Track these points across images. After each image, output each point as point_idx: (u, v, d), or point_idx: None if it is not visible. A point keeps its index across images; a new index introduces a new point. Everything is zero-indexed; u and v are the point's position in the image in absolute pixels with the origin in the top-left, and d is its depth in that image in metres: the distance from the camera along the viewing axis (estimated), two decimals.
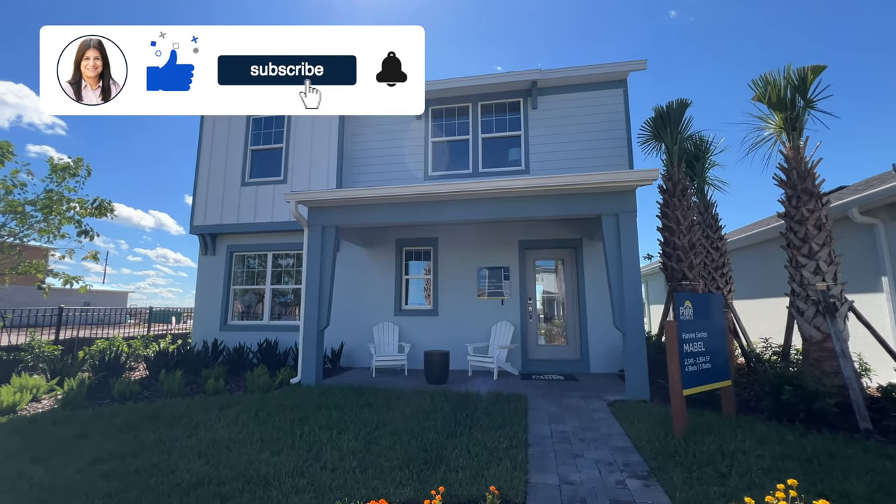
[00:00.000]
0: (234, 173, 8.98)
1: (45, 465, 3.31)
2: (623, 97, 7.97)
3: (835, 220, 5.70)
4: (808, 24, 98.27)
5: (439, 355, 6.26)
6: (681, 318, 3.82)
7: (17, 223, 6.38)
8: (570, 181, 5.46)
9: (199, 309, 8.98)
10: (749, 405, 4.71)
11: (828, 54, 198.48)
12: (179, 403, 4.96)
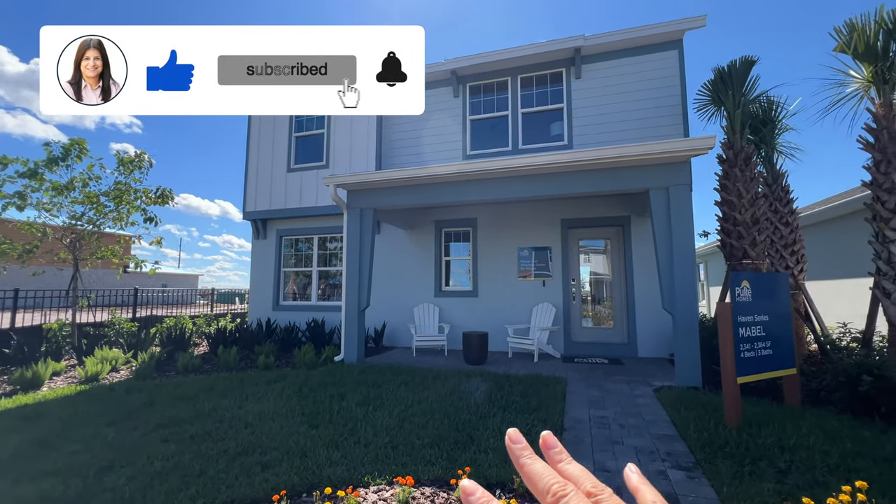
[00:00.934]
0: (280, 160, 9.33)
1: (117, 427, 3.69)
2: (678, 60, 7.27)
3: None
4: None
5: (477, 336, 6.23)
6: (736, 300, 3.47)
7: (94, 212, 7.06)
8: (616, 153, 5.10)
9: (254, 290, 9.56)
10: (819, 396, 4.24)
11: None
12: (233, 377, 5.33)
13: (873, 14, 4.67)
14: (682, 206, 4.96)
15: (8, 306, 7.09)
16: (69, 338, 6.72)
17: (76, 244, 6.95)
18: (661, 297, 4.99)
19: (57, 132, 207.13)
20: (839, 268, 7.59)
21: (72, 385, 5.23)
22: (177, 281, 38.43)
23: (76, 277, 6.96)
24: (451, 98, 8.55)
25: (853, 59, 4.84)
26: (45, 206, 6.57)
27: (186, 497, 2.50)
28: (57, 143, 6.48)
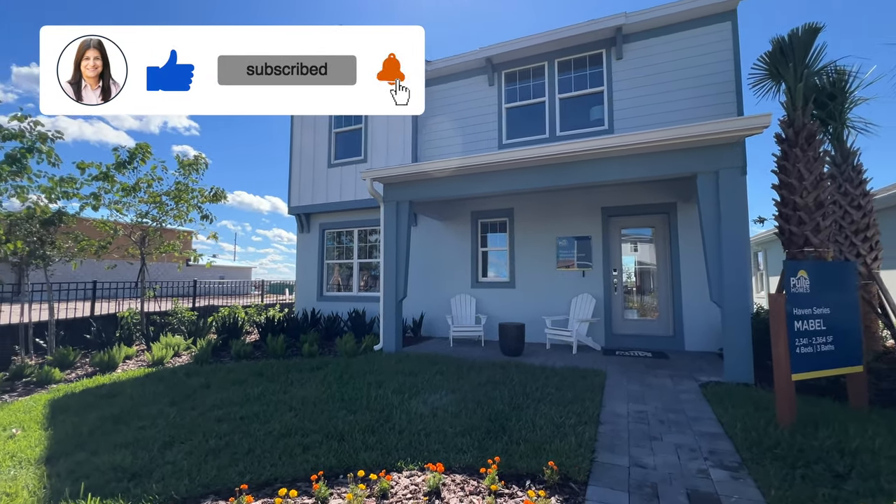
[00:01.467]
0: (321, 156, 9.66)
1: (178, 407, 4.04)
2: (731, 32, 6.72)
3: None
4: None
5: (514, 327, 6.19)
6: (791, 291, 3.21)
7: (158, 211, 7.67)
8: (659, 137, 4.83)
9: (300, 282, 10.03)
10: (892, 397, 3.86)
11: None
12: (280, 363, 5.66)
13: None
14: (733, 192, 4.63)
15: (88, 297, 7.91)
16: (139, 325, 7.40)
17: (143, 240, 7.61)
18: (709, 288, 4.71)
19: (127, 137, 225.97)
20: None
21: (141, 368, 5.78)
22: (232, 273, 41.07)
23: (143, 270, 7.63)
24: (486, 87, 8.44)
25: None
26: (116, 207, 7.22)
27: (235, 472, 2.71)
28: (124, 147, 7.09)
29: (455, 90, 8.69)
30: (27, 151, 5.86)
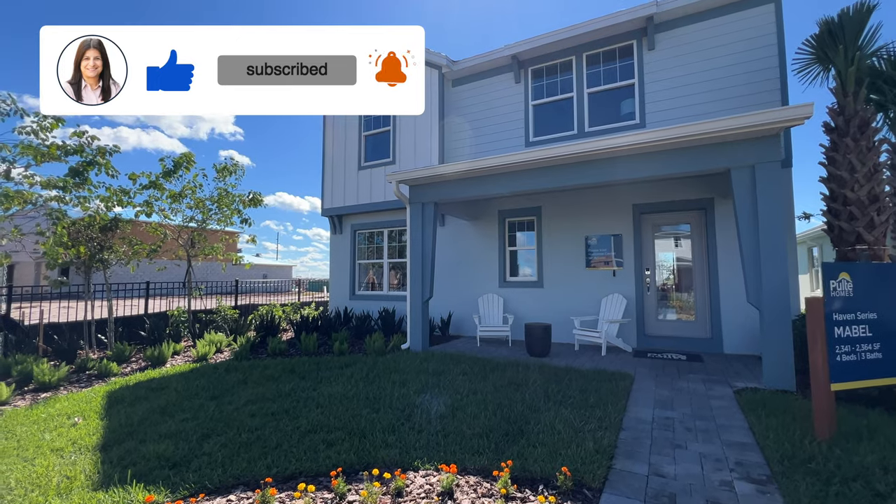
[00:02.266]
0: (351, 158, 9.93)
1: (217, 402, 4.32)
2: (775, 14, 6.29)
3: None
4: None
5: (540, 328, 6.13)
6: (831, 295, 3.00)
7: (202, 215, 8.19)
8: (692, 131, 4.61)
9: (333, 281, 10.38)
10: None
11: None
12: (312, 361, 5.91)
13: None
14: (771, 187, 4.35)
15: (142, 295, 8.57)
16: (186, 322, 7.94)
17: (190, 242, 8.15)
18: (746, 289, 4.47)
19: (179, 144, 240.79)
20: None
21: (187, 363, 6.21)
22: (274, 271, 42.96)
23: (190, 271, 8.18)
24: (513, 84, 8.35)
25: None
26: (164, 213, 7.77)
27: (264, 465, 2.89)
28: (169, 157, 7.61)
29: (481, 89, 8.67)
30: (88, 165, 6.42)
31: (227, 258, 8.73)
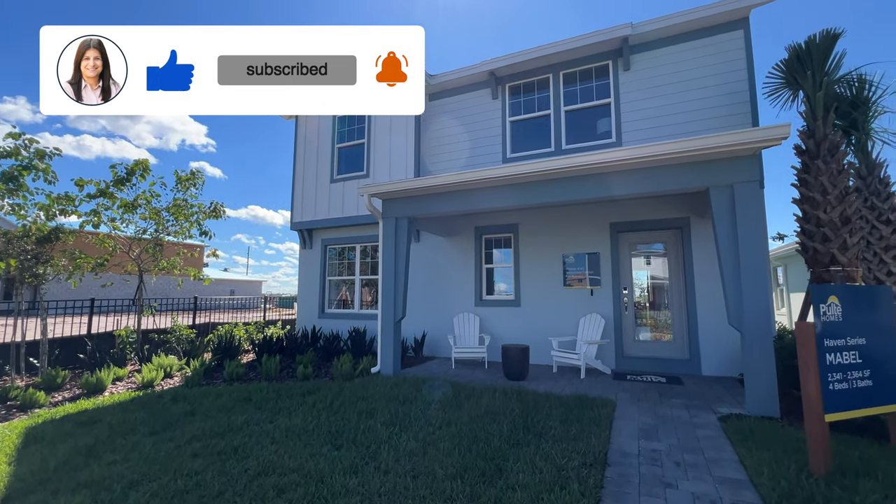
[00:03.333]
0: (324, 171, 9.56)
1: (156, 438, 3.80)
2: (744, 41, 6.46)
3: None
4: None
5: (518, 350, 5.86)
6: (822, 320, 2.87)
7: (157, 226, 7.59)
8: (670, 149, 4.54)
9: (301, 299, 9.84)
10: None
11: None
12: (272, 387, 5.40)
13: None
14: (750, 207, 4.31)
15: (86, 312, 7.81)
16: (134, 344, 7.24)
17: (141, 256, 7.52)
18: (727, 311, 4.36)
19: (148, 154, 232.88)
20: None
21: (129, 391, 5.58)
22: (243, 287, 41.30)
23: (141, 287, 7.51)
24: (490, 100, 8.28)
25: None
26: (114, 224, 7.15)
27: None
28: (121, 164, 7.05)
29: (458, 104, 8.56)
30: (24, 169, 5.82)
31: (184, 273, 8.10)
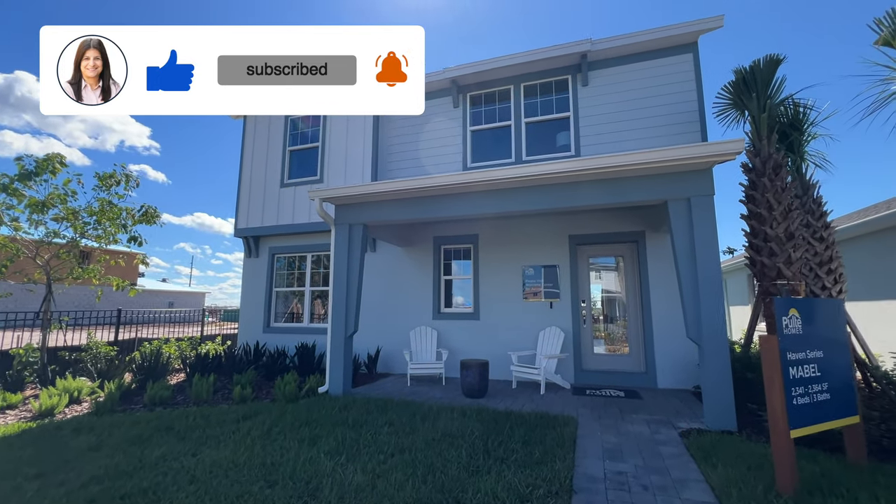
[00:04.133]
0: (273, 175, 8.95)
1: (43, 481, 3.12)
2: (693, 64, 6.76)
3: None
4: None
5: (477, 366, 5.59)
6: (784, 333, 2.82)
7: (73, 230, 6.67)
8: (630, 160, 4.52)
9: (244, 312, 9.06)
10: (882, 447, 3.52)
11: None
12: (201, 412, 4.76)
13: None
14: (706, 220, 4.35)
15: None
16: (36, 364, 6.23)
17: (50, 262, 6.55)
18: (685, 324, 4.34)
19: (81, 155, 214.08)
20: (882, 287, 6.83)
21: (22, 421, 4.69)
22: (183, 299, 38.32)
23: (49, 298, 6.52)
24: (451, 109, 8.13)
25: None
26: (17, 226, 6.19)
27: None
28: (31, 156, 6.14)
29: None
30: None
31: (104, 282, 7.16)
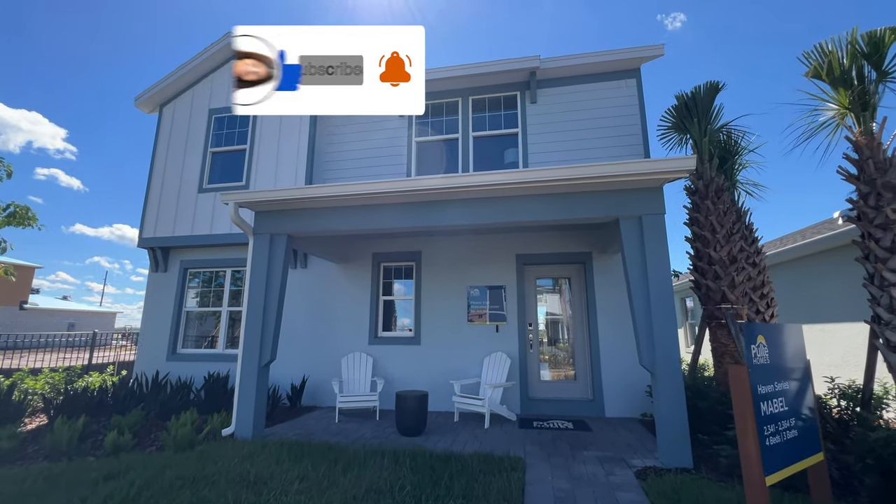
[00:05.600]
0: (191, 178, 7.86)
1: None
2: (636, 89, 6.86)
3: None
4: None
5: (414, 399, 4.93)
6: (753, 363, 2.52)
7: None
8: (580, 173, 4.22)
9: (145, 335, 7.70)
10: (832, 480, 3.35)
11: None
12: (51, 472, 3.63)
13: (846, 37, 4.31)
14: (657, 240, 4.14)
15: None
16: None
17: None
18: (638, 350, 4.04)
19: None
20: (804, 311, 7.17)
21: None
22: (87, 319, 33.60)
23: None
24: (396, 118, 7.65)
25: (829, 84, 4.43)
26: None
27: None
28: None
29: (361, 118, 7.77)
30: None
31: None
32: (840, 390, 4.39)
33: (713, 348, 5.16)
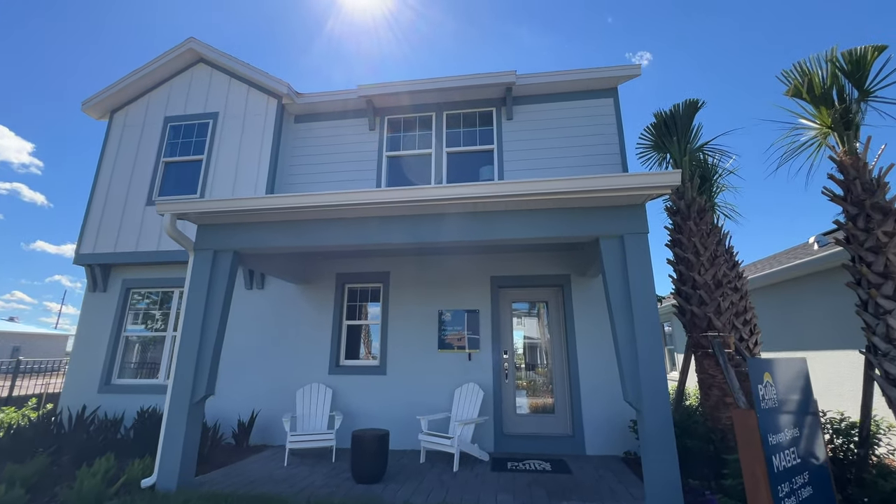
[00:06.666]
0: (139, 190, 7.20)
1: None
2: (614, 108, 6.71)
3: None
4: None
5: (374, 440, 4.32)
6: (762, 407, 2.11)
7: None
8: (560, 187, 3.85)
9: (76, 362, 6.81)
10: None
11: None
12: None
13: (825, 55, 4.20)
14: (641, 261, 3.79)
15: None
16: None
17: None
18: (622, 384, 3.60)
19: None
20: (786, 338, 6.96)
21: None
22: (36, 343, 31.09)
23: None
24: (367, 132, 7.27)
25: (810, 103, 4.28)
26: None
27: None
28: None
29: (329, 131, 7.36)
30: None
31: None
32: (833, 426, 4.07)
33: (700, 379, 4.79)
